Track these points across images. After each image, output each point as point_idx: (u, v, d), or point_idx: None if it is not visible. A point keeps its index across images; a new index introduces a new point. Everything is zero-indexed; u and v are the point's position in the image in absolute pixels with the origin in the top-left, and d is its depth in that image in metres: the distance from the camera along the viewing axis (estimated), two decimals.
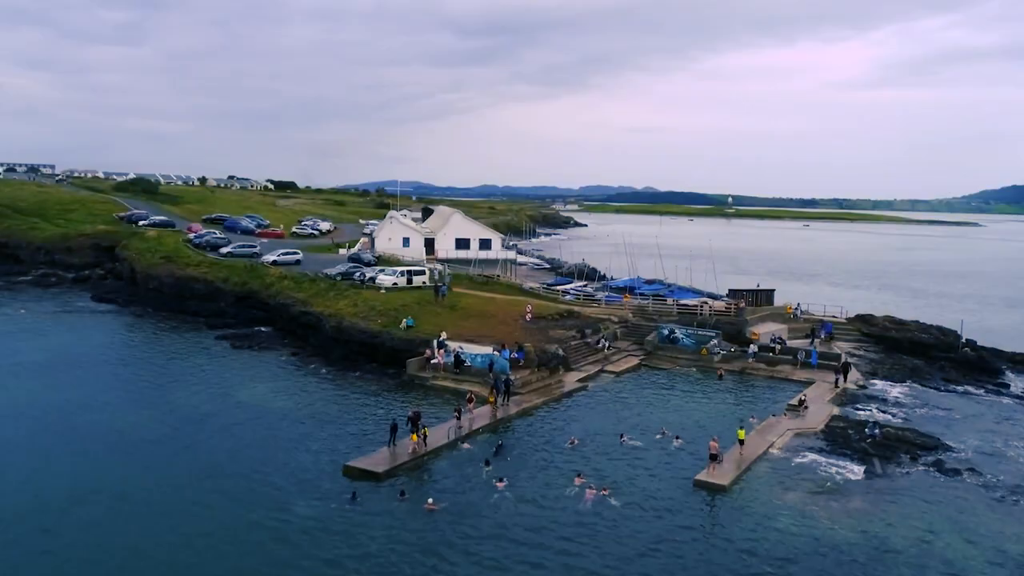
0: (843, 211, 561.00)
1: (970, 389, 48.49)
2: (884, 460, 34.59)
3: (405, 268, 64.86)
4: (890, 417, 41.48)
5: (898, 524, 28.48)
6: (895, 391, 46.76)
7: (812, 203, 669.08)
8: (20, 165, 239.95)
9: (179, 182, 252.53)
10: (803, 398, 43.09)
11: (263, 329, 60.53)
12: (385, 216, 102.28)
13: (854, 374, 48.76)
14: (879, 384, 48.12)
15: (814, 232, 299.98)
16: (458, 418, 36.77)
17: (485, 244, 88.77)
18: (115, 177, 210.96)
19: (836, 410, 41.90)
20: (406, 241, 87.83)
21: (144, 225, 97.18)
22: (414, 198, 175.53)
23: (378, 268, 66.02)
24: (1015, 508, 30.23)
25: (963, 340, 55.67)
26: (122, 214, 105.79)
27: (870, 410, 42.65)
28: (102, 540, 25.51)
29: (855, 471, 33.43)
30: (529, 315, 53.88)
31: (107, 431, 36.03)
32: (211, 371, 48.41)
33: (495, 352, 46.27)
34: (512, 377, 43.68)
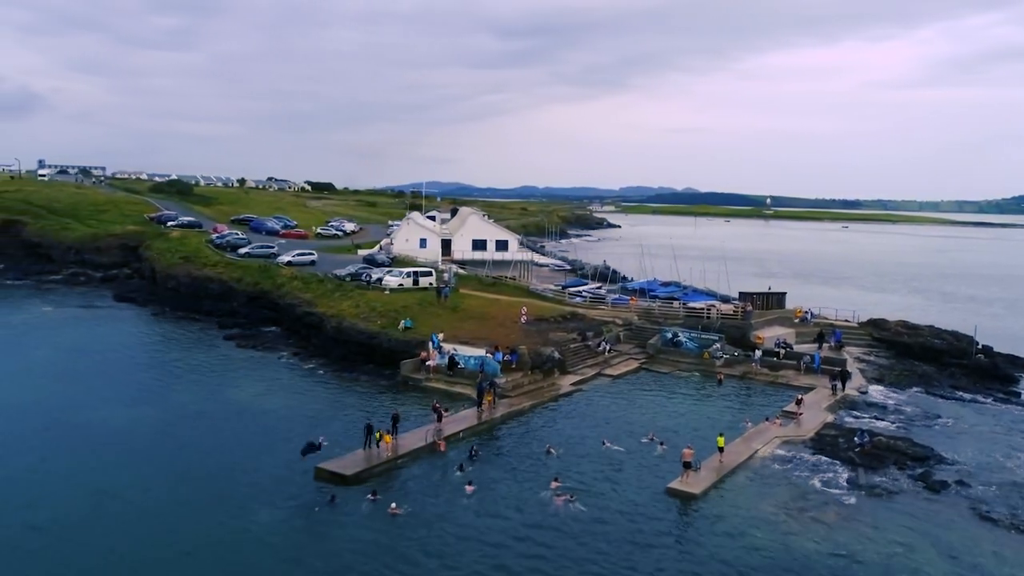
0: (886, 212, 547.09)
1: (978, 397, 46.75)
2: (869, 470, 33.58)
3: (411, 269, 65.11)
4: (888, 425, 40.28)
5: (872, 537, 27.63)
6: (898, 398, 45.34)
7: (856, 204, 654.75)
8: (72, 167, 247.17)
9: (219, 183, 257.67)
10: (800, 398, 42.24)
11: (271, 329, 61.38)
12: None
13: (857, 380, 47.45)
14: (882, 391, 46.72)
15: (852, 234, 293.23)
16: (439, 420, 36.76)
17: (502, 245, 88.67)
18: (157, 178, 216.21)
19: (831, 417, 40.81)
20: (423, 242, 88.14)
21: (172, 225, 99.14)
22: (439, 199, 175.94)
23: (385, 269, 66.42)
24: (999, 524, 29.03)
25: (978, 346, 53.74)
26: (152, 215, 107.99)
27: (867, 417, 41.46)
28: (73, 538, 26.05)
29: (837, 481, 32.53)
30: (524, 317, 53.61)
31: (98, 428, 36.75)
32: (212, 370, 49.22)
33: (487, 354, 46.18)
34: (500, 380, 43.53)
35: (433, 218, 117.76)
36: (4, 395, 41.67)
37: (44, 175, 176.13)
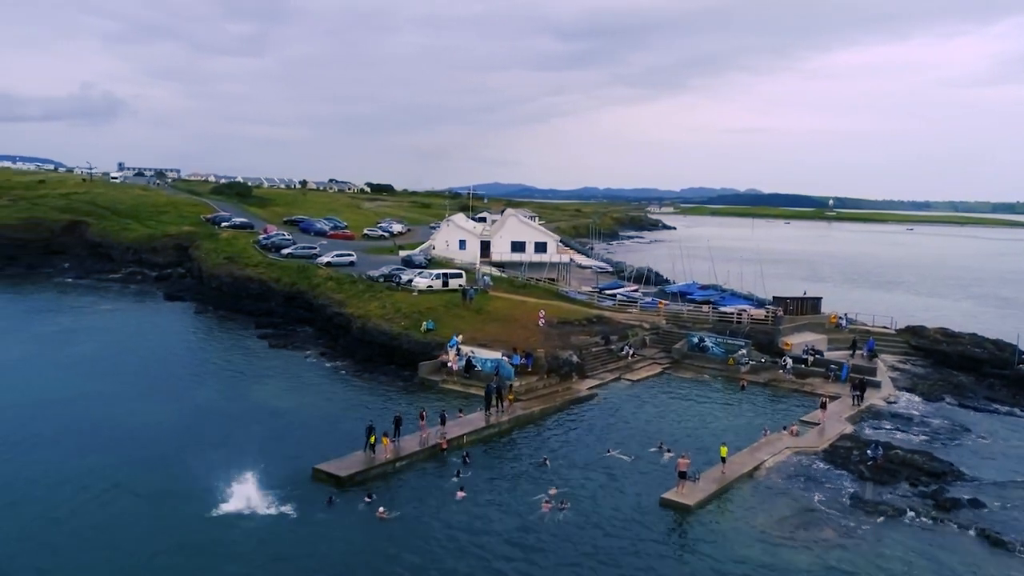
0: (957, 214, 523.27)
1: (1016, 411, 44.35)
2: (879, 485, 32.31)
3: (441, 271, 65.59)
4: (910, 437, 38.65)
5: (868, 556, 26.55)
6: (927, 409, 43.44)
7: (925, 206, 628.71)
8: (148, 170, 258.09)
9: (281, 185, 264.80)
10: (825, 401, 41.05)
11: (304, 329, 62.80)
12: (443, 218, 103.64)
13: (887, 389, 45.70)
14: (912, 401, 44.85)
15: (917, 236, 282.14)
16: (442, 423, 36.95)
17: (540, 247, 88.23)
18: (223, 180, 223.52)
19: (850, 428, 39.39)
20: (462, 244, 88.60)
21: (225, 226, 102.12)
22: (485, 200, 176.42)
23: (416, 271, 67.15)
24: (1008, 548, 27.41)
25: (1022, 356, 50.97)
26: (208, 216, 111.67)
27: (890, 429, 39.89)
28: (70, 528, 27.19)
29: (841, 496, 31.38)
30: (543, 320, 53.42)
31: (121, 424, 38.05)
32: (240, 368, 50.69)
33: (503, 357, 46.26)
34: (512, 383, 43.54)
35: (484, 219, 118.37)
36: (44, 390, 43.69)
37: (116, 177, 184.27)
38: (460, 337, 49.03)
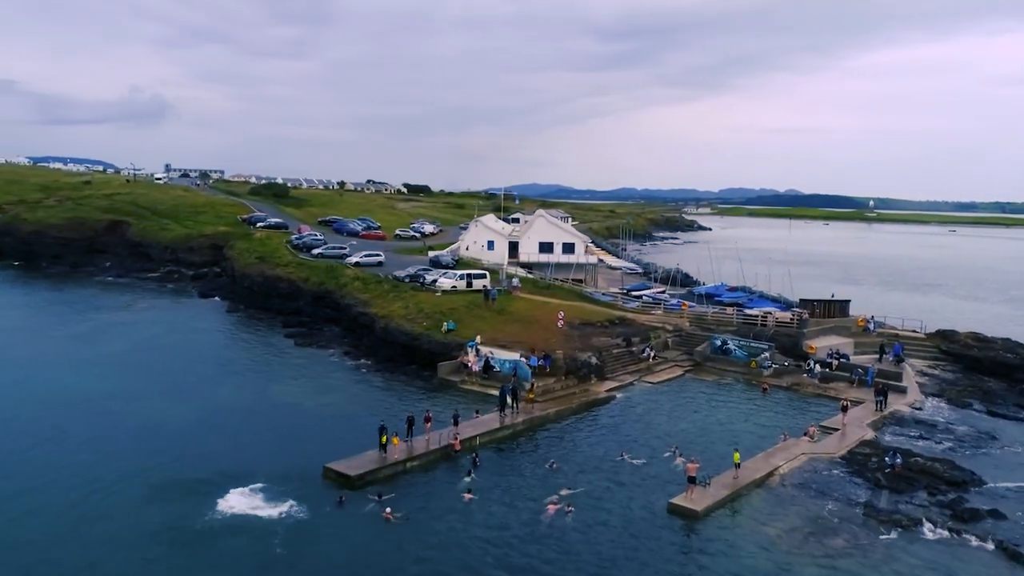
0: (1003, 216, 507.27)
1: None
2: (895, 493, 31.58)
3: (465, 272, 65.90)
4: (932, 445, 37.67)
5: (878, 567, 25.96)
6: (953, 416, 42.31)
7: (971, 207, 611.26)
8: (193, 171, 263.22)
9: (320, 186, 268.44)
10: (846, 404, 40.37)
11: (331, 328, 63.57)
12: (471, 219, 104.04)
13: (912, 395, 44.65)
14: (938, 407, 43.74)
15: (959, 238, 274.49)
16: (455, 424, 37.14)
17: (568, 248, 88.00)
18: (264, 181, 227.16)
19: (870, 434, 38.60)
20: (490, 244, 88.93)
21: (260, 226, 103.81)
22: (517, 200, 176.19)
23: (441, 271, 67.58)
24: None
25: None
26: (244, 216, 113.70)
27: (912, 436, 38.94)
28: (76, 522, 27.94)
29: (854, 504, 30.72)
30: (561, 322, 53.29)
31: (139, 419, 38.90)
32: (263, 366, 51.60)
33: (521, 358, 46.36)
34: (532, 383, 43.62)
35: (517, 220, 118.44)
36: (72, 386, 45.03)
37: (160, 178, 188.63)
38: (479, 338, 49.23)
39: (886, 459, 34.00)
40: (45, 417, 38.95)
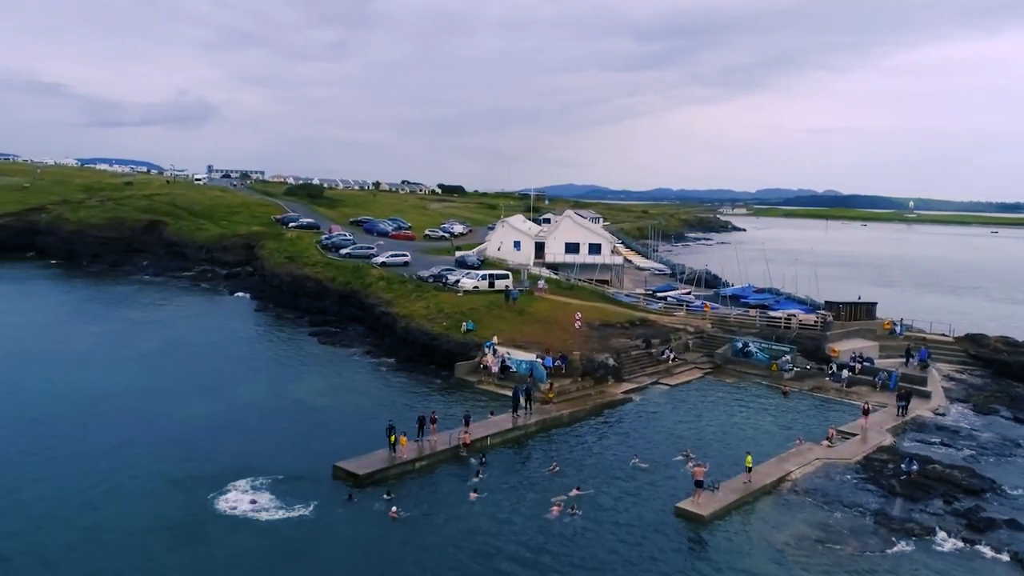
0: None
1: None
2: (910, 501, 30.92)
3: (487, 272, 66.13)
4: (953, 452, 36.81)
5: None
6: (977, 422, 41.25)
7: (1015, 207, 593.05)
8: (235, 171, 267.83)
9: (355, 187, 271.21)
10: (867, 407, 39.65)
11: (356, 327, 64.28)
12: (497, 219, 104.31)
13: (937, 400, 43.66)
14: (963, 413, 42.69)
15: (1001, 239, 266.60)
16: (466, 424, 37.31)
17: (594, 248, 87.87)
18: (300, 182, 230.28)
19: (889, 440, 37.85)
20: (517, 245, 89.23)
21: (292, 226, 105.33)
22: (546, 201, 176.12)
23: (464, 271, 67.93)
24: None
25: None
26: (278, 216, 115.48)
27: (933, 442, 38.07)
28: (100, 515, 28.73)
29: (866, 512, 30.12)
30: (579, 323, 53.14)
31: (159, 415, 39.69)
32: (286, 364, 52.43)
33: (537, 359, 46.43)
34: (551, 383, 43.69)
35: (548, 220, 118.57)
36: (97, 381, 46.15)
37: (200, 179, 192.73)
38: (496, 339, 49.41)
39: (902, 466, 33.32)
40: (69, 411, 40.06)
